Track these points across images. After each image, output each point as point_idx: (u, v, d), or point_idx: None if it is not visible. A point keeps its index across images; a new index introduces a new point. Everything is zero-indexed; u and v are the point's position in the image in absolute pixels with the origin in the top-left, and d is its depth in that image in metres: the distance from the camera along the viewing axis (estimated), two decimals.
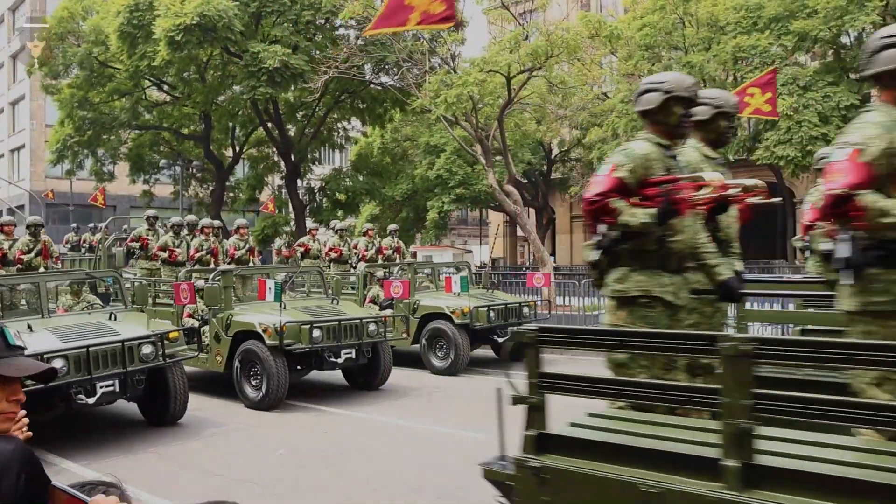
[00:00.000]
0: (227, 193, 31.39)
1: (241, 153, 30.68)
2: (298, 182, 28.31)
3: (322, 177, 30.08)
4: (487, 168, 18.81)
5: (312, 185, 30.16)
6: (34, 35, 28.04)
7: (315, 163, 31.30)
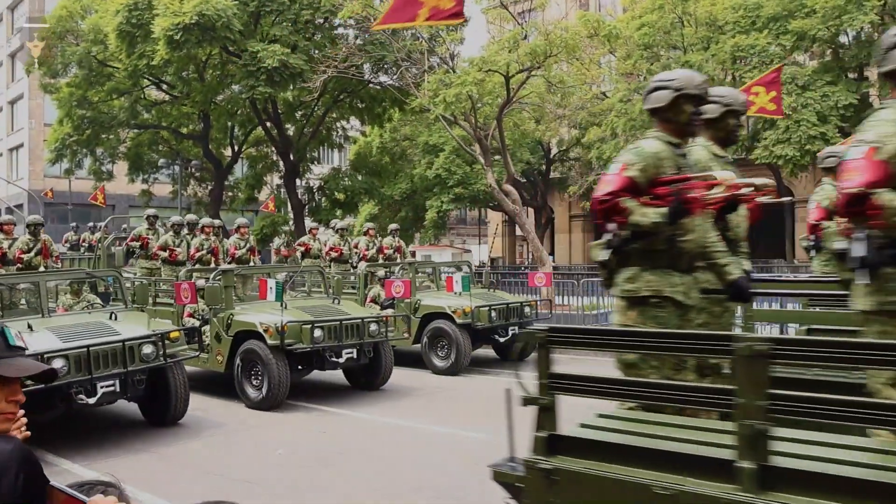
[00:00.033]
0: (226, 193, 31.38)
1: (240, 152, 30.65)
2: (297, 181, 28.28)
3: (321, 176, 30.03)
4: (486, 167, 18.78)
5: (311, 185, 30.12)
6: (34, 35, 27.96)
7: (314, 162, 31.30)
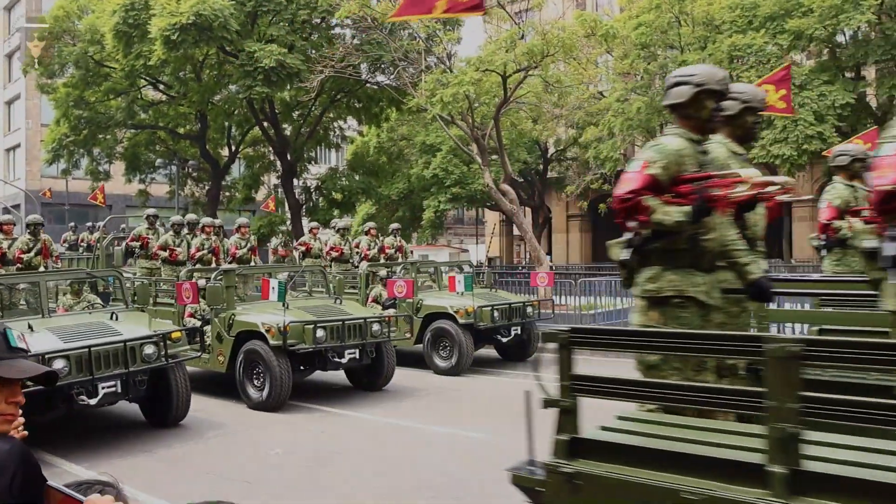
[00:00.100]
0: (223, 193, 31.35)
1: (237, 152, 30.64)
2: (294, 181, 28.25)
3: (318, 176, 30.01)
4: (483, 167, 18.77)
5: (308, 185, 30.10)
6: (34, 35, 27.90)
7: (311, 162, 31.31)
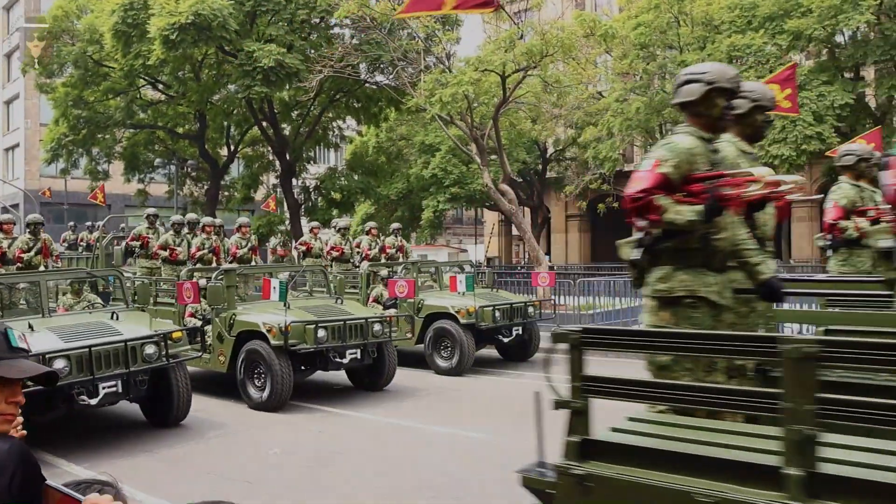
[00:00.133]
0: (222, 192, 31.37)
1: (236, 152, 30.65)
2: (293, 181, 28.27)
3: (317, 176, 30.02)
4: (482, 167, 18.79)
5: (307, 185, 30.11)
6: (34, 35, 27.90)
7: (310, 162, 31.29)
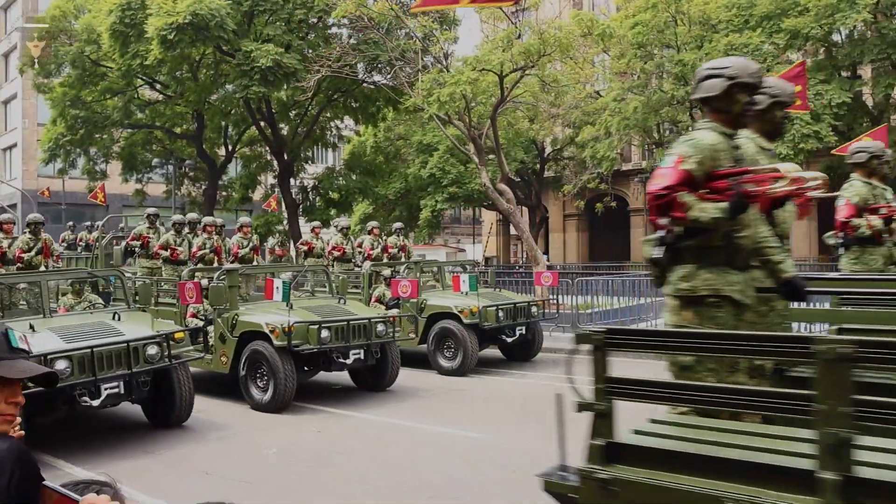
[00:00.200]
0: (220, 192, 31.30)
1: (234, 152, 30.60)
2: (291, 181, 28.24)
3: (315, 175, 30.00)
4: (480, 167, 18.81)
5: (305, 184, 30.07)
6: (33, 35, 27.86)
7: (308, 161, 31.23)
